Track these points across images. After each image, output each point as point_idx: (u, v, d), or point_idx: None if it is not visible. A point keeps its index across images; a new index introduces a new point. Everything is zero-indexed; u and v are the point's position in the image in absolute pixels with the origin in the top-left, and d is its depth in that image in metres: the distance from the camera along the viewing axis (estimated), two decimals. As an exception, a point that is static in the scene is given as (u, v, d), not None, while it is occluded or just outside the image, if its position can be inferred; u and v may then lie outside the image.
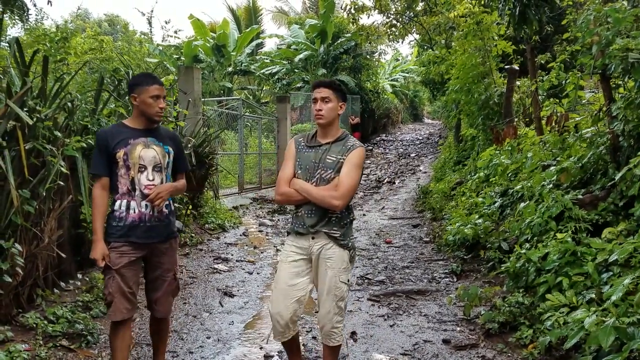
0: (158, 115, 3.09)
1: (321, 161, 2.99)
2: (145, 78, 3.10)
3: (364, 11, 13.74)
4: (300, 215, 3.04)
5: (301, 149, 3.11)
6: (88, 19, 33.62)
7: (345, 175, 2.93)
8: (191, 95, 9.35)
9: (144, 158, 3.05)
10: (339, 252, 2.99)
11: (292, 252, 3.06)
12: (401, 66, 30.25)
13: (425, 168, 15.45)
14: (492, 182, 6.71)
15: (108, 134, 3.07)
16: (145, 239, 3.07)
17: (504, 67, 8.95)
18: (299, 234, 3.04)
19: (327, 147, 3.02)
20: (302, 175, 3.03)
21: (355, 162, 2.98)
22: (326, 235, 2.97)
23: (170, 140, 3.19)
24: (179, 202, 7.44)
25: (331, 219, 2.98)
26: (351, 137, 3.08)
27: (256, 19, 26.86)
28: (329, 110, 2.99)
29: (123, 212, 3.04)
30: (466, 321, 4.38)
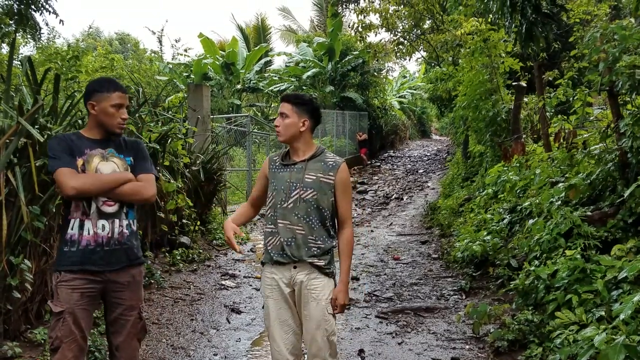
0: (119, 127, 2.72)
1: (299, 181, 2.72)
2: (106, 84, 2.71)
3: (372, 29, 13.85)
4: (279, 242, 2.72)
5: (275, 169, 2.84)
6: (99, 38, 34.12)
7: (345, 203, 2.76)
8: (200, 112, 9.43)
9: (102, 172, 2.66)
10: (325, 282, 2.72)
11: (276, 285, 2.75)
12: (409, 83, 30.38)
13: (433, 184, 15.41)
14: (501, 198, 6.69)
15: (69, 137, 2.71)
16: (103, 266, 2.62)
17: (512, 83, 8.97)
18: (278, 264, 2.74)
19: (303, 165, 2.76)
20: (277, 197, 2.75)
21: (347, 185, 2.80)
22: (310, 265, 2.70)
23: (131, 150, 2.82)
24: (186, 218, 7.46)
25: (312, 248, 2.69)
26: (327, 152, 2.85)
27: (265, 38, 27.17)
28: (285, 126, 2.73)
29: (75, 233, 2.61)
30: (475, 339, 4.35)
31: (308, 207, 2.69)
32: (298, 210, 2.70)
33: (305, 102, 2.77)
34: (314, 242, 2.70)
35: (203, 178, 8.03)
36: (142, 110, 6.45)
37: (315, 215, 2.70)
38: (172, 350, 4.24)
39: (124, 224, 2.68)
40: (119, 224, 2.66)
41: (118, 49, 30.31)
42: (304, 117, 2.75)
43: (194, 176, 7.77)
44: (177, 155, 7.12)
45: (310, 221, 2.70)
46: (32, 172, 3.73)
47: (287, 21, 28.87)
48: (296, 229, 2.70)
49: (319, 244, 2.71)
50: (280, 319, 2.75)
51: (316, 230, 2.71)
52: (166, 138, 6.70)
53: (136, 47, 31.02)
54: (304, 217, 2.70)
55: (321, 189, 2.71)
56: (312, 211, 2.70)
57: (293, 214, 2.71)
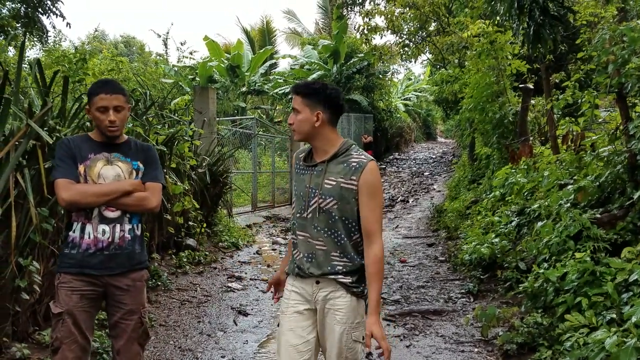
0: (109, 130, 2.59)
1: (317, 187, 2.30)
2: (94, 86, 2.64)
3: (377, 32, 13.85)
4: (299, 256, 2.37)
5: (298, 170, 2.44)
6: (105, 41, 34.26)
7: (370, 212, 2.26)
8: (206, 114, 9.47)
9: (105, 177, 2.60)
10: (351, 302, 2.28)
11: (294, 300, 2.37)
12: (414, 85, 30.36)
13: (439, 187, 15.38)
14: (508, 201, 6.66)
15: (72, 143, 2.65)
16: (102, 270, 2.56)
17: (519, 86, 8.95)
18: (300, 277, 2.37)
19: (323, 167, 2.31)
20: (297, 204, 2.38)
21: (375, 189, 2.28)
22: (334, 282, 2.29)
23: (140, 154, 2.72)
24: (193, 220, 7.47)
25: (336, 266, 2.28)
26: (354, 149, 2.35)
27: (270, 40, 27.22)
28: (299, 123, 2.33)
29: (77, 236, 2.57)
30: (484, 342, 4.33)
31: (329, 219, 2.28)
32: (317, 222, 2.30)
33: (316, 91, 2.32)
34: (338, 259, 2.28)
35: (209, 180, 8.05)
36: (149, 113, 6.47)
37: (339, 229, 2.28)
38: (179, 352, 4.24)
39: (126, 228, 2.62)
40: (120, 228, 2.60)
41: (123, 52, 30.43)
42: (317, 109, 2.31)
43: (200, 178, 7.79)
44: (184, 157, 7.13)
45: (333, 235, 2.28)
46: (41, 174, 3.73)
47: (292, 24, 28.93)
48: (316, 244, 2.30)
49: (346, 261, 2.28)
50: (292, 342, 2.33)
51: (341, 246, 2.28)
52: (173, 140, 6.72)
53: (141, 50, 31.15)
54: (325, 231, 2.29)
55: (342, 197, 2.26)
56: (335, 223, 2.27)
57: (312, 226, 2.31)
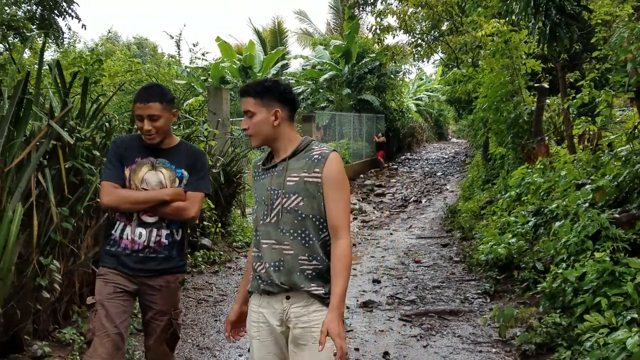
0: (147, 139, 2.60)
1: (279, 186, 2.14)
2: (136, 93, 2.65)
3: (389, 31, 13.83)
4: (264, 269, 2.15)
5: (257, 176, 2.28)
6: (117, 42, 34.55)
7: (335, 205, 2.11)
8: (220, 115, 9.51)
9: (148, 182, 2.62)
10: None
11: (263, 323, 2.17)
12: (425, 85, 30.28)
13: (452, 187, 15.31)
14: (524, 201, 6.62)
15: (123, 143, 2.71)
16: (135, 271, 2.62)
17: (534, 85, 8.89)
18: (267, 294, 2.15)
19: (284, 165, 2.16)
20: (259, 211, 2.20)
21: (339, 180, 2.14)
22: (307, 294, 2.10)
23: (188, 160, 2.69)
24: (207, 220, 7.51)
25: (305, 271, 2.10)
26: (314, 144, 2.21)
27: (281, 41, 27.29)
28: (255, 126, 2.16)
29: (117, 236, 2.66)
30: (502, 342, 4.31)
31: (294, 219, 2.11)
32: (283, 224, 2.12)
33: (270, 89, 2.16)
34: (307, 262, 2.10)
35: (223, 180, 8.08)
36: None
37: (307, 228, 2.11)
38: (198, 350, 4.27)
39: (162, 233, 2.64)
40: (157, 233, 2.63)
41: (136, 54, 30.66)
42: (274, 107, 2.15)
43: (214, 178, 7.82)
44: (199, 157, 7.17)
45: (301, 236, 2.11)
46: (61, 173, 3.78)
47: (303, 24, 28.98)
48: (283, 249, 2.12)
49: (315, 264, 2.11)
50: None
51: (309, 247, 2.11)
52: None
53: (154, 51, 31.35)
54: (291, 232, 2.11)
55: (307, 193, 2.11)
56: (302, 223, 2.11)
57: (278, 230, 2.13)
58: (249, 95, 2.16)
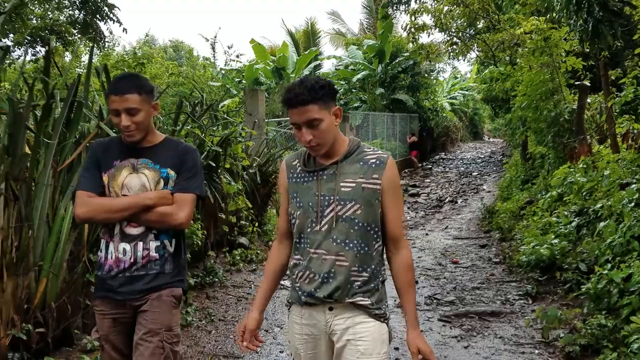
0: (126, 136, 2.24)
1: (332, 192, 1.97)
2: (110, 85, 2.29)
3: (424, 30, 13.71)
4: (309, 279, 2.01)
5: (297, 179, 2.07)
6: (154, 45, 35.27)
7: (397, 213, 2.00)
8: (256, 116, 9.63)
9: (129, 187, 2.26)
10: (374, 328, 1.98)
11: (307, 336, 2.04)
12: (460, 84, 29.93)
13: (489, 187, 15.09)
14: (566, 201, 6.49)
15: (99, 147, 2.35)
16: (125, 295, 2.25)
17: (574, 83, 8.69)
18: (309, 306, 2.02)
19: (336, 168, 1.99)
20: (303, 218, 2.01)
21: (398, 187, 2.04)
22: (352, 305, 1.97)
23: (175, 158, 2.31)
24: (245, 219, 7.62)
25: (355, 283, 1.97)
26: (365, 146, 2.06)
27: (314, 42, 27.38)
28: (323, 134, 1.93)
29: (102, 256, 2.31)
30: (544, 344, 4.24)
31: (350, 228, 1.96)
32: (337, 233, 1.96)
33: (325, 87, 1.93)
34: (357, 274, 1.97)
35: (259, 180, 8.20)
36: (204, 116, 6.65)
37: (362, 238, 1.97)
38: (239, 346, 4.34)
39: (151, 246, 2.25)
40: (144, 247, 2.25)
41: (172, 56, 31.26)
42: (332, 106, 1.96)
43: (251, 178, 7.94)
44: (236, 158, 7.30)
45: (356, 247, 1.96)
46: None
47: (336, 24, 29.01)
48: (336, 260, 1.96)
49: (365, 275, 1.98)
50: None
51: (361, 258, 1.97)
52: (227, 141, 6.88)
53: (190, 54, 31.89)
54: (346, 242, 1.96)
55: (365, 200, 1.96)
56: (357, 232, 1.96)
57: (330, 240, 1.97)
58: (313, 102, 1.89)
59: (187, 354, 4.07)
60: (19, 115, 3.16)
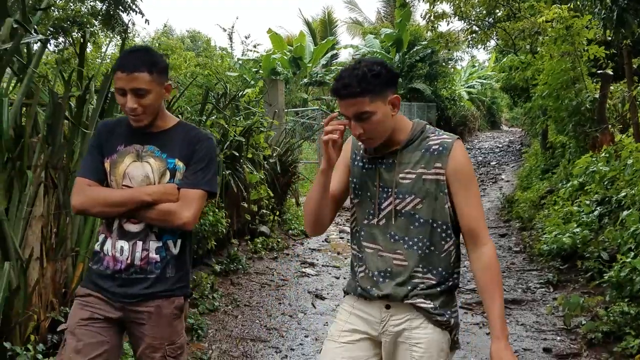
0: (133, 120, 1.96)
1: (390, 184, 1.78)
2: (118, 60, 1.95)
3: (443, 18, 13.65)
4: (364, 274, 1.84)
5: (357, 163, 1.88)
6: (172, 36, 35.44)
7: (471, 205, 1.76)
8: (276, 106, 9.74)
9: (131, 177, 1.99)
10: (434, 336, 1.77)
11: (350, 324, 1.84)
12: (478, 72, 29.67)
13: (508, 177, 15.02)
14: (588, 190, 6.49)
15: (104, 128, 2.09)
16: (120, 296, 1.99)
17: (596, 72, 8.63)
18: (364, 298, 1.84)
19: (395, 157, 1.78)
20: (360, 208, 1.85)
21: (469, 175, 1.78)
22: (411, 307, 1.78)
23: (185, 147, 2.02)
24: (265, 208, 7.74)
25: (418, 285, 1.77)
26: (430, 129, 1.83)
27: (331, 31, 27.34)
28: (377, 127, 1.73)
29: (99, 250, 2.06)
30: (566, 331, 4.30)
31: (410, 224, 1.76)
32: (394, 229, 1.77)
33: (381, 75, 1.70)
34: (421, 275, 1.77)
35: (279, 170, 8.31)
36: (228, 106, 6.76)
37: (425, 236, 1.76)
38: (266, 330, 4.48)
39: (151, 247, 1.99)
40: (143, 247, 1.99)
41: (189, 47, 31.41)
42: (389, 95, 1.74)
43: (271, 168, 8.06)
44: (257, 147, 7.40)
45: (418, 245, 1.76)
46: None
47: (353, 13, 28.91)
48: (393, 259, 1.78)
49: (430, 277, 1.77)
50: None
51: (427, 258, 1.77)
52: (249, 131, 6.99)
53: (207, 44, 32.01)
54: (406, 240, 1.77)
55: (427, 193, 1.75)
56: (420, 229, 1.76)
57: (387, 236, 1.78)
58: (363, 94, 1.67)
59: (215, 337, 4.21)
60: (58, 106, 3.27)
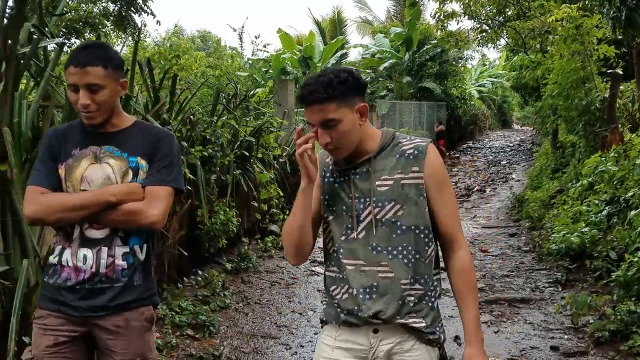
0: (85, 118, 1.85)
1: (368, 194, 1.70)
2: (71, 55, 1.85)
3: (453, 17, 13.66)
4: (348, 295, 1.71)
5: (328, 178, 1.79)
6: (182, 36, 35.65)
7: (448, 208, 1.72)
8: (285, 106, 9.82)
9: (89, 181, 1.87)
10: (425, 356, 1.69)
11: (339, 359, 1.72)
12: (488, 71, 29.56)
13: (519, 176, 15.00)
14: (597, 190, 6.50)
15: (56, 135, 1.95)
16: (82, 311, 1.84)
17: (606, 71, 8.61)
18: (348, 325, 1.71)
19: (369, 165, 1.71)
20: (336, 225, 1.73)
21: (444, 177, 1.75)
22: (402, 328, 1.68)
23: (146, 145, 1.92)
24: (275, 207, 7.82)
25: (406, 298, 1.66)
26: (400, 136, 1.77)
27: (341, 30, 27.37)
28: (343, 136, 1.65)
29: (56, 262, 1.88)
30: (574, 329, 4.33)
31: (392, 232, 1.68)
32: (376, 240, 1.69)
33: (347, 82, 1.63)
34: (409, 287, 1.67)
35: (289, 169, 8.39)
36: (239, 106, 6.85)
37: (409, 243, 1.68)
38: (276, 327, 4.56)
39: (117, 253, 1.86)
40: (109, 253, 1.85)
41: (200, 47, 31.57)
42: (357, 103, 1.67)
43: (281, 167, 8.15)
44: (268, 147, 7.49)
45: (402, 254, 1.68)
46: (155, 163, 4.12)
47: (363, 13, 28.92)
48: (378, 271, 1.68)
49: (418, 288, 1.69)
50: None
51: (413, 268, 1.68)
52: (259, 131, 7.08)
53: (217, 44, 32.18)
54: (389, 250, 1.68)
55: (407, 198, 1.68)
56: (402, 237, 1.68)
57: (369, 248, 1.69)
58: (330, 100, 1.60)
59: (227, 334, 4.29)
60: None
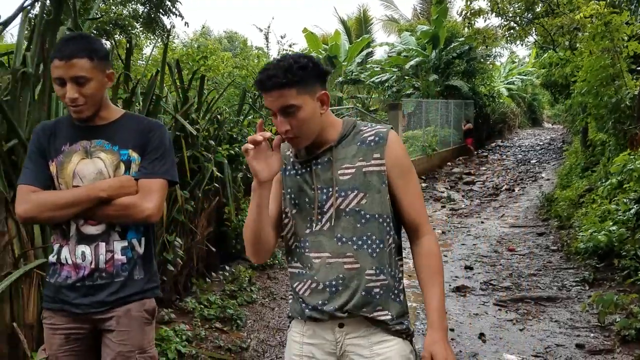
0: (73, 112, 1.84)
1: (330, 183, 1.64)
2: (56, 48, 1.83)
3: (480, 14, 13.52)
4: (311, 290, 1.67)
5: (289, 171, 1.73)
6: (209, 37, 36.10)
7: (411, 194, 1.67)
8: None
9: (82, 176, 1.86)
10: (397, 347, 1.64)
11: (308, 358, 1.70)
12: (518, 68, 29.14)
13: (549, 175, 14.78)
14: (626, 188, 6.40)
15: (45, 131, 1.93)
16: (84, 307, 1.86)
17: (636, 68, 8.44)
18: (313, 321, 1.68)
19: (330, 154, 1.66)
20: (298, 218, 1.68)
21: (407, 164, 1.68)
22: (367, 321, 1.65)
23: (137, 138, 1.90)
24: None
25: (372, 289, 1.63)
26: (361, 124, 1.73)
27: (366, 29, 27.33)
28: (304, 124, 1.59)
29: (55, 261, 1.92)
30: (600, 328, 4.31)
31: (356, 222, 1.63)
32: (340, 231, 1.64)
33: (308, 68, 1.57)
34: (374, 277, 1.63)
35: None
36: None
37: (373, 232, 1.64)
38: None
39: (115, 248, 1.87)
40: (107, 248, 1.86)
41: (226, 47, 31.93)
42: (318, 91, 1.61)
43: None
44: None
45: (366, 244, 1.63)
46: (184, 160, 4.25)
47: (388, 11, 28.81)
48: (343, 263, 1.63)
49: (383, 279, 1.64)
50: None
51: (377, 257, 1.64)
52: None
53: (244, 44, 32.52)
54: (354, 240, 1.63)
55: (370, 186, 1.63)
56: (366, 226, 1.63)
57: (334, 240, 1.64)
58: (289, 85, 1.53)
59: (253, 327, 4.39)
60: None
